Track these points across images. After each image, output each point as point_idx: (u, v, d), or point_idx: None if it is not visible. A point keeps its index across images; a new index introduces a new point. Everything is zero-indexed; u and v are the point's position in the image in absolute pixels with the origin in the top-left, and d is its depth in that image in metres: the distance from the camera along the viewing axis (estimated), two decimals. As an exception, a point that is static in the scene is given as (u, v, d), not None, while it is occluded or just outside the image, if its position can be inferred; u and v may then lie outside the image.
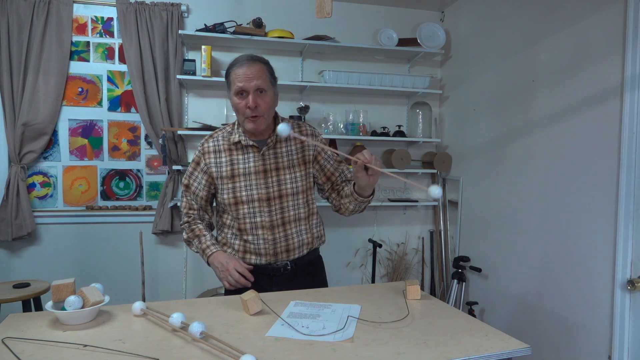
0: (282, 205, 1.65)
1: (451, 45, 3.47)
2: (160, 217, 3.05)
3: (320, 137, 1.74)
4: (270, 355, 1.07)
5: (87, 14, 3.05)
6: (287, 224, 1.67)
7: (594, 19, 2.16)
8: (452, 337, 1.21)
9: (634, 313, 1.98)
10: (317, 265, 1.83)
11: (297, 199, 1.68)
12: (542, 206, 2.50)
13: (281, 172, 1.65)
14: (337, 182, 1.76)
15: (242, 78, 1.55)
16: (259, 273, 1.67)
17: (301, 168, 1.68)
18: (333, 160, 1.75)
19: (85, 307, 1.26)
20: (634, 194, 1.95)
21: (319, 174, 1.73)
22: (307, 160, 1.70)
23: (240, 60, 1.58)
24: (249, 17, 3.17)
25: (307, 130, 1.72)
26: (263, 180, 1.64)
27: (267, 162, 1.64)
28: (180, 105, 3.13)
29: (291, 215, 1.67)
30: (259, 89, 1.56)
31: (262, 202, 1.64)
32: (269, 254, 1.67)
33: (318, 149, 1.71)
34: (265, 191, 1.64)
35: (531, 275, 2.57)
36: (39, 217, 2.99)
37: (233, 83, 1.58)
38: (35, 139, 2.93)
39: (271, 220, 1.65)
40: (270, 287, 1.66)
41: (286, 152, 1.67)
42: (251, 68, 1.56)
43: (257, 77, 1.55)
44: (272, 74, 1.63)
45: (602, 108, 2.11)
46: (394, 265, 3.56)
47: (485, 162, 3.04)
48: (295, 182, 1.66)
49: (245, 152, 1.65)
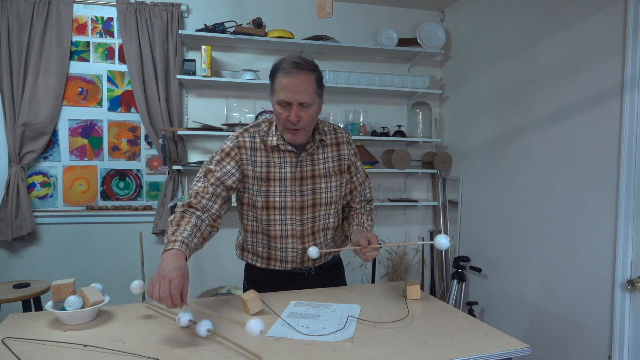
0: (314, 215, 1.60)
1: (451, 45, 3.47)
2: (160, 217, 3.05)
3: (353, 145, 1.70)
4: (270, 355, 1.07)
5: (87, 14, 3.05)
6: (317, 233, 1.63)
7: (594, 19, 2.16)
8: (452, 337, 1.21)
9: (634, 313, 1.98)
10: (338, 268, 1.83)
11: (330, 209, 1.63)
12: (542, 206, 2.49)
13: (317, 180, 1.59)
14: (355, 199, 1.73)
15: (287, 90, 1.43)
16: (281, 276, 1.66)
17: (337, 177, 1.63)
18: (360, 174, 1.72)
19: (85, 307, 1.26)
20: (634, 194, 1.95)
21: (347, 184, 1.69)
22: (343, 169, 1.65)
23: (287, 67, 1.44)
24: (249, 17, 3.17)
25: (344, 137, 1.67)
26: (299, 188, 1.57)
27: (304, 169, 1.57)
28: (180, 105, 3.13)
29: (322, 224, 1.63)
30: (303, 103, 1.45)
31: (295, 210, 1.57)
32: (295, 261, 1.63)
33: (352, 158, 1.67)
34: (300, 199, 1.57)
35: (531, 275, 2.57)
36: (39, 217, 2.99)
37: (277, 91, 1.46)
38: (35, 139, 2.93)
39: (302, 229, 1.59)
40: (292, 290, 1.64)
41: (323, 159, 1.61)
42: (297, 79, 1.43)
43: (302, 90, 1.44)
44: (319, 84, 1.51)
45: (602, 108, 2.11)
46: (394, 265, 3.56)
47: (485, 162, 3.04)
48: (330, 191, 1.61)
49: (282, 156, 1.56)
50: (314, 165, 1.59)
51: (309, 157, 1.58)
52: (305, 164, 1.58)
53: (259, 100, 3.29)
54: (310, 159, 1.59)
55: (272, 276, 1.66)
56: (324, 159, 1.61)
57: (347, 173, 1.67)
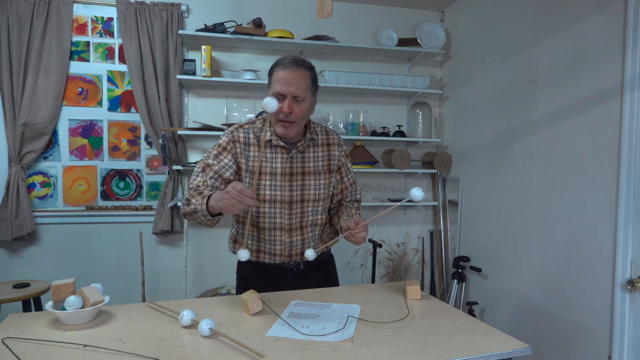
0: (302, 210, 1.66)
1: (451, 45, 3.47)
2: (160, 217, 3.05)
3: (344, 147, 1.78)
4: (270, 355, 1.07)
5: (87, 14, 3.05)
6: (305, 228, 1.69)
7: (594, 19, 2.16)
8: (452, 337, 1.21)
9: (634, 313, 1.98)
10: (329, 263, 1.86)
11: (317, 205, 1.69)
12: (542, 206, 2.49)
13: (306, 177, 1.66)
14: (346, 198, 1.80)
15: (282, 82, 1.52)
16: (271, 271, 1.70)
17: (325, 176, 1.70)
18: (351, 175, 1.80)
19: (85, 307, 1.26)
20: (634, 194, 1.95)
21: (337, 184, 1.77)
22: (332, 169, 1.72)
23: (284, 63, 1.55)
24: (249, 17, 3.17)
25: (335, 139, 1.74)
26: (288, 183, 1.63)
27: (295, 165, 1.64)
28: (180, 105, 3.13)
29: (309, 220, 1.69)
30: (296, 97, 1.54)
31: (284, 204, 1.63)
32: (283, 254, 1.68)
33: (342, 159, 1.75)
34: (289, 194, 1.63)
35: (531, 275, 2.57)
36: (39, 217, 2.99)
37: (273, 84, 1.56)
38: (35, 139, 2.93)
39: (290, 223, 1.65)
40: (282, 285, 1.68)
41: (313, 157, 1.68)
42: (293, 73, 1.53)
43: (297, 84, 1.53)
44: (314, 82, 1.61)
45: (602, 108, 2.11)
46: (394, 265, 3.56)
47: (485, 162, 3.04)
48: (319, 188, 1.68)
49: (273, 152, 1.63)
50: (304, 163, 1.66)
51: (299, 154, 1.65)
52: (296, 160, 1.64)
53: (259, 100, 3.29)
54: (301, 156, 1.66)
55: (263, 272, 1.70)
56: (314, 157, 1.68)
57: (337, 173, 1.75)
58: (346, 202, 1.80)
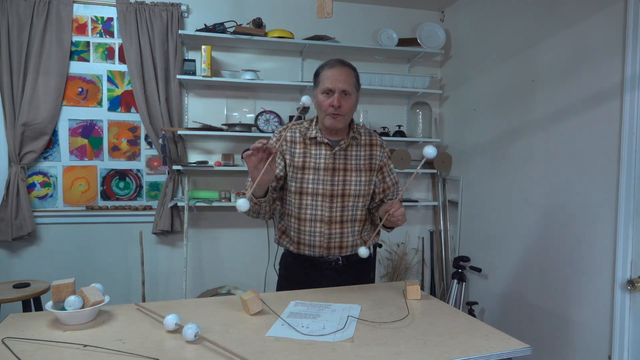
0: (343, 204, 1.74)
1: (451, 45, 3.47)
2: (160, 217, 3.05)
3: (387, 150, 1.86)
4: (270, 355, 1.07)
5: (87, 14, 3.05)
6: (345, 223, 1.76)
7: (594, 19, 2.16)
8: (452, 337, 1.21)
9: (634, 313, 1.98)
10: (367, 260, 1.87)
11: (358, 201, 1.76)
12: (542, 206, 2.49)
13: (348, 173, 1.74)
14: (387, 197, 1.85)
15: (331, 79, 1.65)
16: (311, 265, 1.77)
17: (366, 174, 1.77)
18: (393, 175, 1.87)
19: (85, 307, 1.26)
20: (634, 194, 1.95)
21: (379, 184, 1.83)
22: (373, 168, 1.80)
23: (331, 63, 1.70)
24: (249, 17, 3.17)
25: (377, 141, 1.83)
26: (330, 178, 1.72)
27: (337, 162, 1.73)
28: (180, 105, 3.13)
29: (349, 215, 1.76)
30: (345, 91, 1.66)
31: (325, 197, 1.72)
32: (322, 247, 1.74)
33: (384, 160, 1.83)
34: (330, 188, 1.72)
35: (531, 275, 2.57)
36: (39, 217, 2.99)
37: (322, 82, 1.68)
38: (35, 139, 2.93)
39: (330, 216, 1.73)
40: (321, 279, 1.75)
41: (355, 155, 1.76)
42: (340, 70, 1.67)
43: (344, 80, 1.66)
44: (357, 80, 1.73)
45: (602, 108, 2.11)
46: (394, 265, 3.56)
47: (485, 162, 3.03)
48: (359, 185, 1.75)
49: (318, 148, 1.74)
50: (346, 160, 1.75)
51: (342, 151, 1.75)
52: (339, 156, 1.74)
53: (259, 100, 3.30)
54: (344, 153, 1.75)
55: (304, 264, 1.78)
56: (357, 155, 1.77)
57: (379, 173, 1.82)
58: (387, 200, 1.85)
